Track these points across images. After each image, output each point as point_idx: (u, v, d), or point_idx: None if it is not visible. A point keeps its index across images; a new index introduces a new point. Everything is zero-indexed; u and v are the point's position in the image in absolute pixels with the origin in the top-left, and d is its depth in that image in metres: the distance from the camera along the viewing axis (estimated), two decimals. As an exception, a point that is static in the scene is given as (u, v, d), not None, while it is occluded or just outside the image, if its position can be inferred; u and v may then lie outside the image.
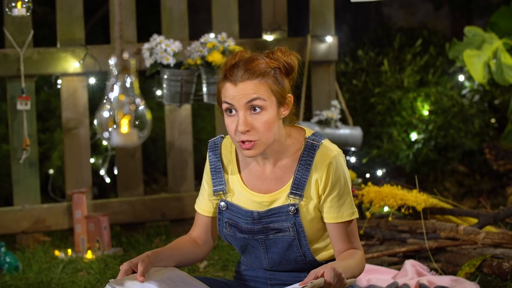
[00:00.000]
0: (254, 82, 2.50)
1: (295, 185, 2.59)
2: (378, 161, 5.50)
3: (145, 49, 4.42)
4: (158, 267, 2.62)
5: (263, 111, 2.51)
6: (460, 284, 3.52)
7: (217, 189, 2.67)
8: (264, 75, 2.51)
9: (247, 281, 2.76)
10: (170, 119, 4.71)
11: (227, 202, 2.66)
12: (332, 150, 2.60)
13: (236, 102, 2.51)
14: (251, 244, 2.67)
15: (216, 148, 2.69)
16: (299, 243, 2.61)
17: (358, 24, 7.92)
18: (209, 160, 2.70)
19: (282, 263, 2.66)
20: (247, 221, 2.63)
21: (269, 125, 2.52)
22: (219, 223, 2.69)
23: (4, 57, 4.43)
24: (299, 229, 2.60)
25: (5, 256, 4.08)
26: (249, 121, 2.51)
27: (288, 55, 2.59)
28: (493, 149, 5.32)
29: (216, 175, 2.68)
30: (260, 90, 2.50)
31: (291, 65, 2.58)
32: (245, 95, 2.50)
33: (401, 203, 3.97)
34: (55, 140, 5.19)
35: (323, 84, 4.90)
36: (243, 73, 2.50)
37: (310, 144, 2.60)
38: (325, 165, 2.57)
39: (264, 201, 2.62)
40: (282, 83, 2.55)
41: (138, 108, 2.00)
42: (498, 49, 4.97)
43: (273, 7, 4.85)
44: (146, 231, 4.69)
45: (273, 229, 2.61)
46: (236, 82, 2.51)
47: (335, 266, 2.41)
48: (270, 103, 2.52)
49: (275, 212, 2.60)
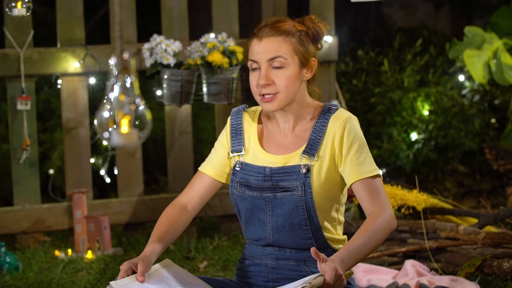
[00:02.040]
0: (278, 39, 2.62)
1: (309, 146, 2.65)
2: (378, 161, 5.50)
3: (145, 49, 4.42)
4: (157, 266, 2.62)
5: (284, 68, 2.62)
6: (460, 284, 3.52)
7: (236, 149, 2.74)
8: (289, 34, 2.63)
9: (248, 278, 2.75)
10: (170, 119, 4.71)
11: (242, 162, 2.72)
12: (346, 113, 2.68)
13: (259, 58, 2.63)
14: (257, 206, 2.68)
15: (240, 113, 2.79)
16: (306, 205, 2.63)
17: (358, 24, 7.92)
18: (231, 123, 2.78)
19: (286, 228, 2.66)
20: (258, 178, 2.68)
21: (290, 81, 2.63)
22: (231, 185, 2.74)
23: (4, 57, 4.43)
24: (307, 190, 2.62)
25: (5, 256, 4.08)
26: (270, 76, 2.62)
27: (316, 23, 2.70)
28: (493, 149, 5.32)
29: (236, 136, 2.75)
30: (283, 48, 2.62)
31: (318, 32, 2.69)
32: (268, 52, 2.62)
33: (401, 203, 3.97)
34: (55, 140, 5.19)
35: (323, 84, 4.90)
36: (269, 30, 2.63)
37: (327, 108, 2.69)
38: (339, 125, 2.64)
39: (278, 161, 2.68)
40: (307, 45, 2.66)
41: (138, 108, 2.00)
42: (498, 49, 4.97)
43: (273, 7, 4.86)
44: (146, 231, 4.69)
45: (282, 187, 2.65)
46: (261, 37, 2.63)
47: (337, 267, 2.41)
48: (292, 61, 2.63)
49: (287, 171, 2.65)
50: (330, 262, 2.42)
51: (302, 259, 2.69)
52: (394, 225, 2.60)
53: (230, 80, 4.42)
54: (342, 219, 2.75)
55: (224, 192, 4.74)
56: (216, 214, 4.77)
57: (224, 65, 4.37)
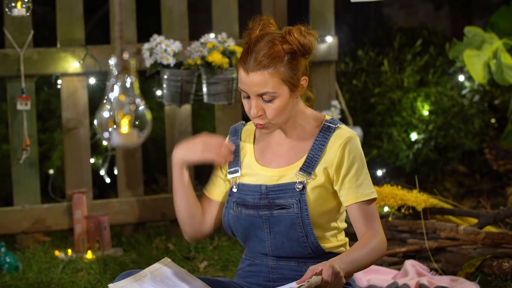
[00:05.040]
0: (264, 74, 2.55)
1: (306, 163, 2.62)
2: (378, 161, 5.50)
3: (145, 49, 4.42)
4: (157, 265, 2.62)
5: (275, 100, 2.58)
6: (460, 284, 3.52)
7: (232, 170, 2.72)
8: (276, 64, 2.56)
9: (249, 277, 2.75)
10: (170, 119, 4.71)
11: (239, 183, 2.71)
12: (347, 132, 2.65)
13: (248, 90, 2.58)
14: (254, 225, 2.67)
15: (237, 134, 2.77)
16: (302, 222, 2.62)
17: (358, 24, 7.91)
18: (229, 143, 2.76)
19: (285, 244, 2.66)
20: (254, 196, 2.66)
21: (280, 111, 2.59)
22: (226, 205, 2.72)
23: (4, 57, 4.43)
24: (303, 207, 2.61)
25: (5, 256, 4.08)
26: (261, 107, 2.58)
27: (305, 36, 2.61)
28: (493, 149, 5.32)
29: (233, 158, 2.73)
30: (270, 83, 2.55)
31: (307, 47, 2.61)
32: (255, 86, 2.56)
33: (401, 203, 3.97)
34: (55, 140, 5.19)
35: (323, 84, 4.89)
36: (255, 63, 2.55)
37: (326, 126, 2.66)
38: (338, 146, 2.61)
39: (273, 175, 2.66)
40: (296, 68, 2.59)
41: (138, 108, 2.00)
42: (498, 49, 4.97)
43: (273, 7, 4.85)
44: (146, 231, 4.69)
45: (278, 205, 2.63)
46: (247, 71, 2.57)
47: (334, 264, 2.42)
48: (281, 92, 2.57)
49: (282, 188, 2.64)
50: (326, 262, 2.43)
51: (302, 260, 2.69)
52: (385, 250, 2.63)
53: (230, 80, 4.42)
54: (343, 226, 2.74)
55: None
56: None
57: (224, 65, 4.37)
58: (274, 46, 2.57)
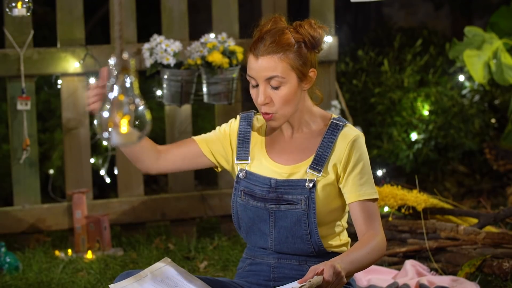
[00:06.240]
0: (274, 58, 2.57)
1: (316, 161, 2.64)
2: (378, 161, 5.50)
3: (145, 49, 4.42)
4: (157, 265, 2.62)
5: (282, 87, 2.59)
6: (460, 284, 3.52)
7: (241, 157, 2.73)
8: (286, 49, 2.58)
9: (250, 276, 2.75)
10: (170, 119, 4.71)
11: (247, 171, 2.71)
12: (354, 131, 2.68)
13: (256, 76, 2.60)
14: (260, 217, 2.68)
15: (250, 119, 2.77)
16: (308, 219, 2.63)
17: (358, 24, 7.92)
18: (239, 129, 2.76)
19: (288, 239, 2.67)
20: (263, 189, 2.67)
21: (287, 100, 2.60)
22: (234, 193, 2.73)
23: (4, 57, 4.43)
24: (311, 204, 2.63)
25: (5, 256, 4.08)
26: (268, 94, 2.60)
27: (315, 29, 2.65)
28: (493, 149, 5.32)
29: (243, 144, 2.74)
30: (279, 67, 2.57)
31: (317, 39, 2.65)
32: (264, 71, 2.58)
33: (401, 203, 3.97)
34: (55, 140, 5.19)
35: (323, 84, 4.89)
36: (265, 48, 2.58)
37: (334, 124, 2.68)
38: (346, 144, 2.64)
39: (283, 172, 2.67)
40: (305, 58, 2.61)
41: (138, 108, 1.99)
42: (498, 49, 4.97)
43: (273, 7, 4.86)
44: (146, 231, 4.69)
45: (286, 200, 2.65)
46: (257, 55, 2.59)
47: (335, 264, 2.42)
48: (289, 79, 2.59)
49: (292, 184, 2.65)
50: (327, 261, 2.44)
51: (303, 259, 2.70)
52: (385, 250, 2.65)
53: (230, 80, 4.42)
54: (346, 225, 2.77)
55: (224, 192, 4.74)
56: (216, 214, 4.77)
57: (224, 65, 4.37)
58: (285, 34, 2.61)
